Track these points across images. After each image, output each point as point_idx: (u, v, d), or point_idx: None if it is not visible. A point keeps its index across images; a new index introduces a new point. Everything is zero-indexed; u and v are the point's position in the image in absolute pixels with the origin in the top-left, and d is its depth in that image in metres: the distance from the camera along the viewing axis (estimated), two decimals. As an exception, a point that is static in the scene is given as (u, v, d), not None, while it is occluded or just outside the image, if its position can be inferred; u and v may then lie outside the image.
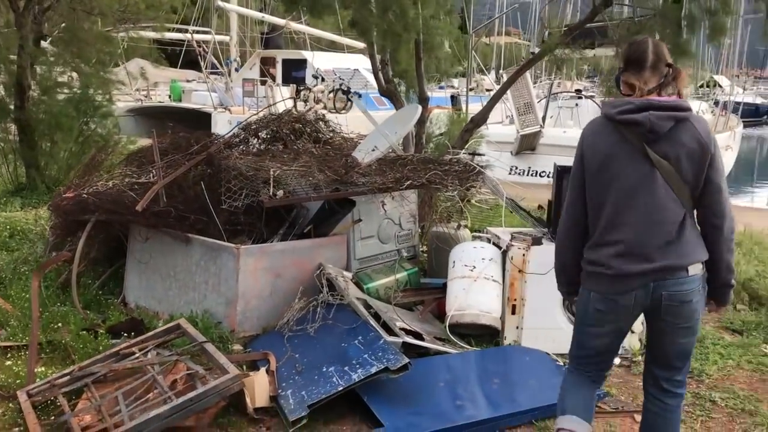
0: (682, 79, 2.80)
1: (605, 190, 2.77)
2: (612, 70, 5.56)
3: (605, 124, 2.78)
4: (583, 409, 3.03)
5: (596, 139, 2.81)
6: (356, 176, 4.81)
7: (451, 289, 4.63)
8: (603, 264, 2.80)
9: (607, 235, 2.79)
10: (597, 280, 2.85)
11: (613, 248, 2.77)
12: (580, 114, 16.13)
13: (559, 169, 4.66)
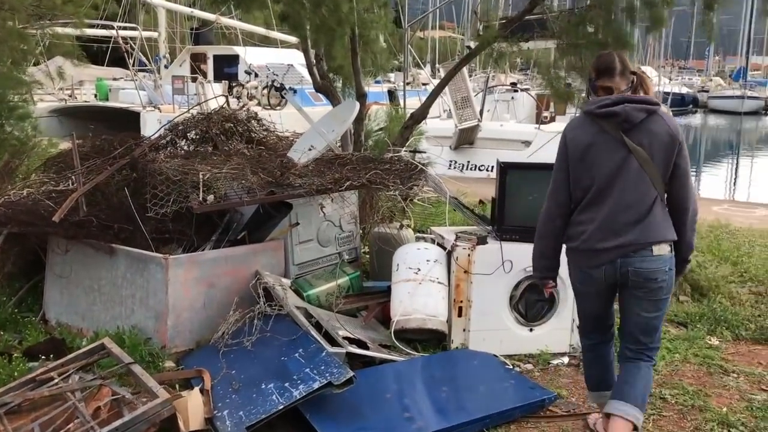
0: (647, 84, 3.20)
1: (587, 174, 3.12)
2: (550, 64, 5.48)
3: (584, 119, 3.17)
4: (613, 379, 3.40)
5: (577, 132, 3.17)
6: (292, 178, 4.56)
7: (396, 293, 4.44)
8: (577, 239, 3.20)
9: (584, 214, 3.17)
10: (573, 254, 3.29)
11: (587, 225, 3.14)
12: (516, 107, 16.24)
13: (503, 165, 4.52)
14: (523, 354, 4.52)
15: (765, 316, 5.11)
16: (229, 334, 4.17)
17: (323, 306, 4.61)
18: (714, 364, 4.37)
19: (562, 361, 4.46)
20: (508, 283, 4.48)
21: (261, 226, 4.69)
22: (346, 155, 4.87)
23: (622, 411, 3.16)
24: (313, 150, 4.84)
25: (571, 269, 3.39)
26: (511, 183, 4.52)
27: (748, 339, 4.83)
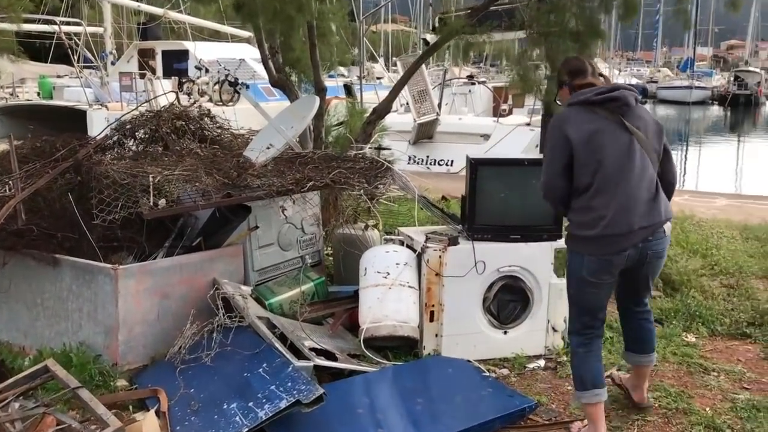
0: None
1: (594, 158, 3.13)
2: (520, 55, 5.29)
3: (578, 110, 3.19)
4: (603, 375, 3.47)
5: (578, 119, 3.17)
6: (250, 179, 4.27)
7: (364, 298, 4.19)
8: (595, 226, 3.15)
9: (596, 199, 3.15)
10: (590, 243, 3.21)
11: (605, 211, 3.13)
12: (474, 100, 16.11)
13: (473, 162, 4.31)
14: (498, 358, 4.33)
15: (738, 309, 5.02)
16: (186, 348, 3.88)
17: (287, 315, 4.33)
18: (693, 362, 4.24)
19: (538, 365, 4.28)
20: (481, 284, 4.28)
21: (217, 231, 4.40)
22: (307, 153, 4.60)
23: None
24: (272, 148, 4.56)
25: (583, 261, 3.26)
26: (482, 180, 4.31)
27: (723, 334, 4.72)
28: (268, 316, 4.13)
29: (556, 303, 4.41)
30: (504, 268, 4.30)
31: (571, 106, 3.24)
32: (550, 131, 3.29)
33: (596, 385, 3.33)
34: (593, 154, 3.13)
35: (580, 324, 3.42)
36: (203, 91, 16.66)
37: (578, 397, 3.41)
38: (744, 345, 4.57)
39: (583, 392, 3.35)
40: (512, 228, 4.35)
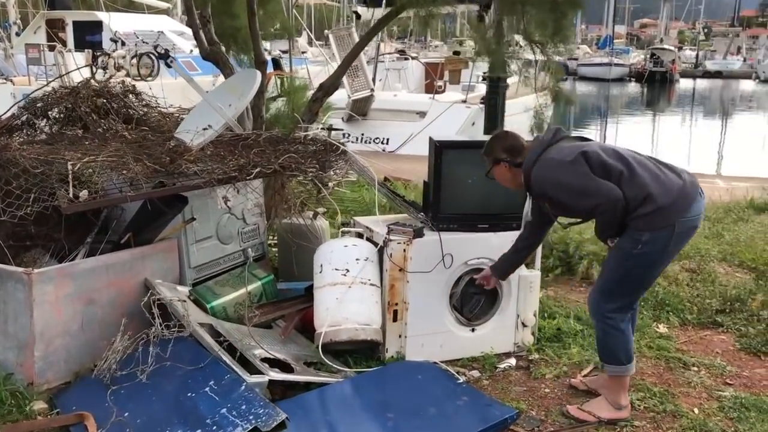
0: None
1: (625, 165, 3.16)
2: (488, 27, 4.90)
3: (562, 146, 3.25)
4: None
5: (576, 150, 3.19)
6: (186, 165, 3.74)
7: (321, 299, 3.74)
8: (676, 190, 3.13)
9: (651, 173, 3.16)
10: (680, 208, 3.13)
11: (672, 174, 3.18)
12: (407, 76, 15.70)
13: (438, 144, 3.91)
14: (466, 358, 3.98)
15: (703, 296, 4.83)
16: (118, 363, 3.35)
17: (232, 319, 3.85)
18: (671, 356, 4.01)
19: (509, 364, 3.95)
20: (448, 279, 3.91)
21: (149, 225, 3.84)
22: (250, 135, 4.08)
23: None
24: (209, 129, 4.02)
25: (665, 234, 3.14)
26: (448, 165, 3.92)
27: (694, 323, 4.52)
28: (211, 321, 3.64)
29: (526, 296, 4.09)
30: (472, 260, 3.93)
31: (556, 142, 3.28)
32: (569, 170, 3.16)
33: (630, 358, 3.35)
34: (624, 163, 3.16)
35: (630, 301, 3.35)
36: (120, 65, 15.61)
37: (615, 372, 3.36)
38: (717, 335, 4.38)
39: (622, 367, 3.33)
40: (479, 216, 3.98)
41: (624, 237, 3.18)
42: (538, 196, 3.31)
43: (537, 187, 3.25)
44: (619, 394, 3.37)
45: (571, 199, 3.20)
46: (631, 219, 3.13)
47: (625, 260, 3.21)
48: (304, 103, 5.63)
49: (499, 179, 3.45)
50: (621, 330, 3.29)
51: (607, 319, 3.28)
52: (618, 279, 3.25)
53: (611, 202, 3.09)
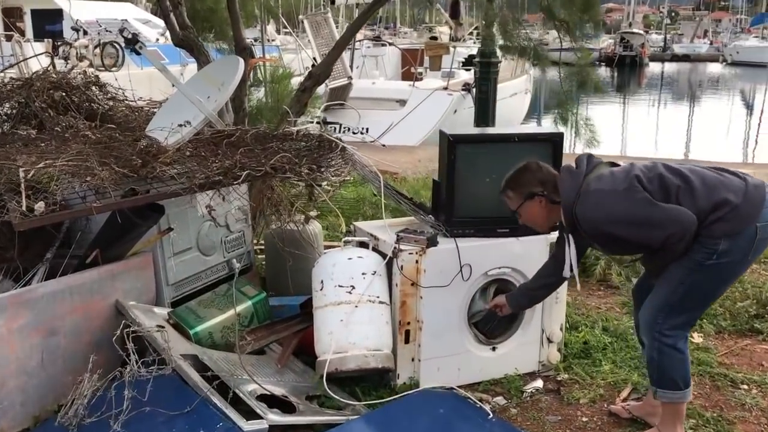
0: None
1: (679, 177, 2.73)
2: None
3: (610, 175, 2.80)
4: None
5: (638, 178, 2.73)
6: (161, 168, 3.20)
7: (324, 321, 3.23)
8: (747, 195, 2.70)
9: (727, 179, 2.76)
10: (756, 209, 2.69)
11: (740, 183, 2.73)
12: (385, 63, 15.15)
13: (451, 139, 3.41)
14: (487, 381, 3.52)
15: (734, 299, 4.42)
16: (86, 407, 2.81)
17: (219, 345, 3.33)
18: (716, 373, 3.58)
19: (536, 387, 3.49)
20: (466, 293, 3.43)
21: (119, 239, 3.29)
22: (235, 131, 3.54)
23: None
24: (188, 126, 3.48)
25: (747, 238, 2.70)
26: (462, 161, 3.43)
27: (731, 332, 4.10)
28: (196, 351, 3.11)
29: (552, 308, 3.63)
30: (492, 270, 3.46)
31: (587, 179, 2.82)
32: (626, 200, 2.72)
33: (688, 383, 2.93)
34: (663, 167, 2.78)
35: (692, 318, 2.96)
36: (82, 55, 14.89)
37: (671, 399, 2.91)
38: (759, 344, 3.97)
39: (680, 392, 2.90)
40: (499, 220, 3.49)
41: (693, 249, 2.70)
42: (591, 236, 2.82)
43: (587, 225, 2.78)
44: (675, 425, 2.93)
45: (633, 235, 2.72)
46: (703, 228, 2.67)
47: (694, 272, 2.73)
48: (289, 93, 5.08)
49: (529, 219, 3.02)
50: (680, 350, 2.84)
51: (665, 337, 2.81)
52: (683, 293, 2.77)
53: (685, 228, 2.64)
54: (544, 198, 2.92)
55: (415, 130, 11.70)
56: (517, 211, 3.01)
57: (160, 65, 3.84)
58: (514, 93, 14.46)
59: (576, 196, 2.77)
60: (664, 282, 2.82)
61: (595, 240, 2.87)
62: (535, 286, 3.25)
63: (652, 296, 2.88)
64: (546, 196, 2.92)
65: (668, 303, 2.80)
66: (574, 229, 2.86)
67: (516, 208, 3.00)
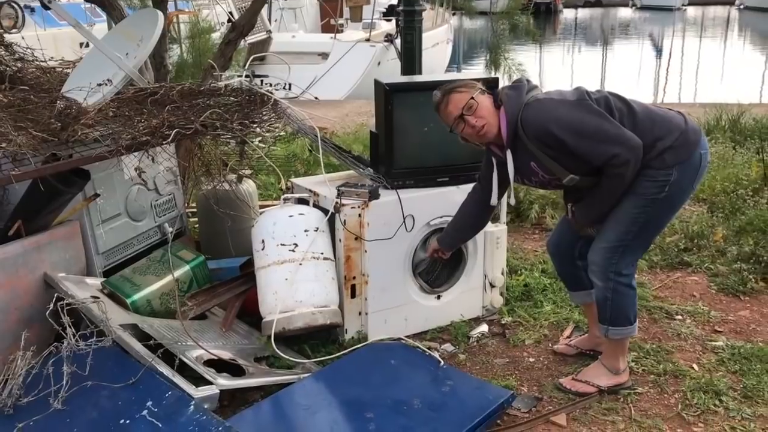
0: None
1: (624, 103, 2.74)
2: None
3: (555, 91, 2.83)
4: None
5: (588, 93, 2.74)
6: (83, 130, 3.00)
7: (267, 281, 3.15)
8: (686, 122, 2.76)
9: (663, 111, 2.79)
10: (697, 137, 2.74)
11: (677, 116, 2.78)
12: (303, 15, 14.77)
13: (388, 88, 3.33)
14: (434, 329, 3.54)
15: (663, 233, 4.53)
16: (21, 387, 2.65)
17: (159, 313, 3.20)
18: (652, 306, 3.70)
19: (482, 332, 3.54)
20: (409, 244, 3.40)
21: (42, 208, 3.09)
22: (159, 88, 3.34)
23: None
24: (108, 85, 3.27)
25: (693, 165, 2.73)
26: (400, 111, 3.36)
27: (663, 266, 4.24)
28: (135, 321, 2.98)
29: (493, 254, 3.66)
30: (435, 220, 3.44)
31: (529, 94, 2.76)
32: (577, 108, 2.66)
33: (636, 316, 2.97)
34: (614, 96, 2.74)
35: (643, 252, 3.03)
36: (-23, 16, 13.85)
37: (622, 334, 2.93)
38: (689, 276, 4.12)
39: (630, 327, 2.93)
40: (439, 169, 3.48)
41: (642, 182, 2.69)
42: (535, 139, 2.68)
43: (533, 129, 2.66)
44: (618, 358, 2.99)
45: (579, 145, 2.60)
46: (654, 160, 2.65)
47: (647, 208, 2.71)
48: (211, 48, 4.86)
49: (480, 115, 2.75)
50: (633, 287, 2.88)
51: (621, 276, 2.81)
52: (637, 231, 2.75)
53: (631, 151, 2.58)
54: (492, 97, 2.78)
55: (339, 83, 11.51)
56: (465, 109, 2.75)
57: (74, 21, 3.58)
58: (436, 43, 14.38)
59: (522, 106, 2.69)
60: (616, 222, 2.77)
61: (538, 145, 2.69)
62: (461, 221, 3.17)
63: (603, 236, 2.82)
64: (495, 96, 2.78)
65: (622, 242, 2.77)
66: (514, 145, 2.75)
67: (465, 103, 2.75)
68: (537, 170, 2.79)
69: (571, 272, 3.15)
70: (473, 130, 2.78)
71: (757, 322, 3.57)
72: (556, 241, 3.18)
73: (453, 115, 2.79)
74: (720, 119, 6.97)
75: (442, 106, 2.84)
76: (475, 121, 2.76)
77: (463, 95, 2.78)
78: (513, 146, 2.77)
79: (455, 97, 2.80)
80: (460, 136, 2.88)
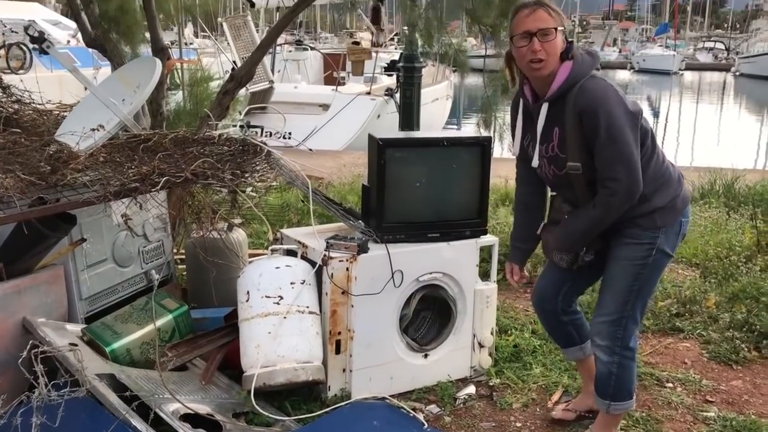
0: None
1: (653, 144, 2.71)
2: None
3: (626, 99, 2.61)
4: None
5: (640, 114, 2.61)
6: (72, 174, 2.98)
7: (250, 334, 3.09)
8: (681, 182, 2.75)
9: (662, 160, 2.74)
10: (686, 200, 2.75)
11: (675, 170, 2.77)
12: (307, 67, 14.98)
13: (381, 143, 3.33)
14: (420, 389, 3.45)
15: (656, 298, 4.50)
16: (-11, 437, 2.57)
17: (138, 363, 3.13)
18: (642, 372, 3.62)
19: (469, 394, 3.45)
20: (398, 299, 3.35)
21: (26, 252, 3.05)
22: (152, 136, 3.35)
23: None
24: (101, 131, 3.27)
25: (674, 230, 2.71)
26: (392, 165, 3.35)
27: (654, 330, 4.18)
28: (113, 370, 2.91)
29: (482, 313, 3.61)
30: (424, 276, 3.40)
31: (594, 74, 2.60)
32: (627, 117, 2.52)
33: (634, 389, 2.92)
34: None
35: (639, 323, 2.87)
36: (-15, 57, 14.08)
37: (622, 409, 2.88)
38: (681, 342, 4.06)
39: (629, 402, 2.87)
40: (429, 225, 3.45)
41: (629, 245, 2.66)
42: (579, 111, 2.52)
43: (585, 101, 2.51)
44: (611, 430, 2.93)
45: (606, 147, 2.49)
46: (640, 216, 2.61)
47: (639, 274, 2.67)
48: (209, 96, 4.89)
49: (544, 49, 2.53)
50: (634, 360, 2.82)
51: (627, 350, 2.74)
52: (634, 300, 2.70)
53: (629, 190, 2.52)
54: (565, 48, 2.57)
55: (338, 134, 11.61)
56: (544, 31, 2.53)
57: (71, 65, 3.62)
58: (435, 98, 14.56)
59: (588, 75, 2.56)
60: (613, 293, 2.73)
61: (576, 117, 2.54)
62: (526, 208, 3.04)
63: (602, 310, 2.76)
64: (568, 48, 2.57)
65: (624, 314, 2.71)
66: (554, 102, 2.60)
67: (546, 26, 2.52)
68: (554, 139, 2.64)
69: (559, 329, 3.10)
70: (531, 55, 2.55)
71: (749, 393, 3.49)
72: (538, 300, 3.12)
73: (527, 27, 2.55)
74: (714, 184, 6.99)
75: (525, 11, 2.57)
76: (540, 49, 2.54)
77: (550, 19, 2.55)
78: (552, 102, 2.62)
79: (542, 14, 2.55)
80: (507, 54, 2.71)
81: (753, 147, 18.21)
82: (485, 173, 3.49)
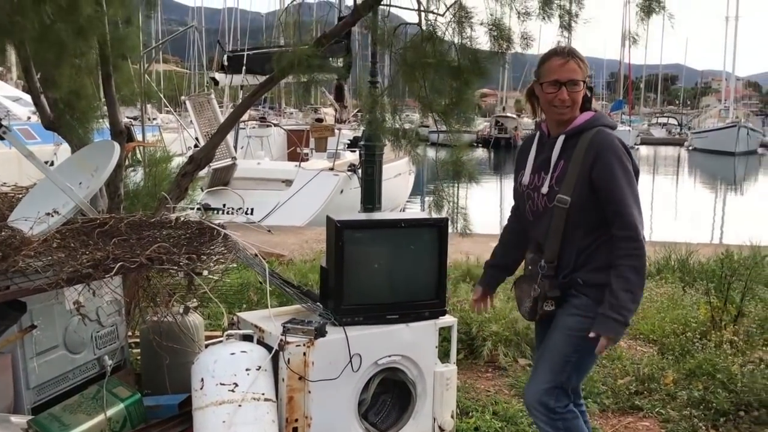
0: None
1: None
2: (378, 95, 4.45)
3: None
4: None
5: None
6: (24, 260, 2.94)
7: (204, 423, 3.00)
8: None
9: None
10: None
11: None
12: (270, 143, 15.14)
13: (339, 224, 3.35)
14: (379, 478, 3.37)
15: (615, 375, 4.55)
16: None
17: (87, 456, 3.02)
18: (604, 453, 3.61)
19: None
20: (356, 384, 3.31)
21: (-28, 340, 2.97)
22: (108, 220, 3.33)
23: None
24: (56, 216, 3.24)
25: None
26: (351, 247, 3.37)
27: (614, 410, 4.18)
28: (59, 465, 2.80)
29: (442, 396, 3.57)
30: (383, 359, 3.37)
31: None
32: (622, 158, 2.69)
33: None
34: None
35: (574, 384, 2.90)
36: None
37: None
38: (640, 421, 4.06)
39: None
40: (388, 306, 3.45)
41: (575, 315, 2.72)
42: (592, 151, 2.68)
43: (600, 143, 2.68)
44: None
45: (623, 190, 2.64)
46: (593, 286, 2.70)
47: (580, 346, 2.72)
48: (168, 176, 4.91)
49: (572, 97, 2.74)
50: (575, 411, 2.83)
51: (567, 414, 2.78)
52: (570, 371, 2.77)
53: (640, 234, 2.66)
54: (588, 94, 2.80)
55: (301, 210, 11.66)
56: (573, 81, 2.72)
57: (26, 150, 3.60)
58: (398, 174, 14.79)
59: (605, 125, 2.76)
60: (551, 361, 2.79)
61: (586, 156, 2.68)
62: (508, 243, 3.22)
63: (538, 375, 2.83)
64: (587, 100, 2.81)
65: (557, 384, 2.77)
66: (569, 139, 2.75)
67: (575, 78, 2.72)
68: (557, 170, 2.77)
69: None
70: (558, 102, 2.74)
71: (709, 473, 3.50)
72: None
73: (558, 76, 2.73)
74: (669, 259, 7.14)
75: (559, 61, 2.75)
76: (568, 98, 2.73)
77: (579, 71, 2.74)
78: (568, 137, 2.77)
79: (573, 66, 2.73)
80: (532, 90, 2.89)
81: (708, 220, 18.73)
82: (443, 253, 3.53)
